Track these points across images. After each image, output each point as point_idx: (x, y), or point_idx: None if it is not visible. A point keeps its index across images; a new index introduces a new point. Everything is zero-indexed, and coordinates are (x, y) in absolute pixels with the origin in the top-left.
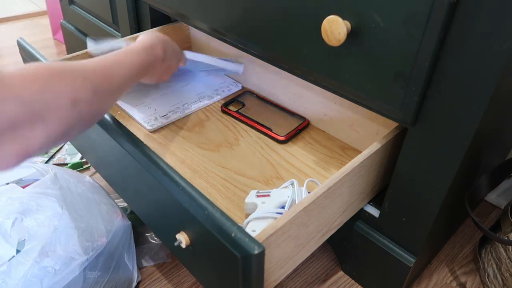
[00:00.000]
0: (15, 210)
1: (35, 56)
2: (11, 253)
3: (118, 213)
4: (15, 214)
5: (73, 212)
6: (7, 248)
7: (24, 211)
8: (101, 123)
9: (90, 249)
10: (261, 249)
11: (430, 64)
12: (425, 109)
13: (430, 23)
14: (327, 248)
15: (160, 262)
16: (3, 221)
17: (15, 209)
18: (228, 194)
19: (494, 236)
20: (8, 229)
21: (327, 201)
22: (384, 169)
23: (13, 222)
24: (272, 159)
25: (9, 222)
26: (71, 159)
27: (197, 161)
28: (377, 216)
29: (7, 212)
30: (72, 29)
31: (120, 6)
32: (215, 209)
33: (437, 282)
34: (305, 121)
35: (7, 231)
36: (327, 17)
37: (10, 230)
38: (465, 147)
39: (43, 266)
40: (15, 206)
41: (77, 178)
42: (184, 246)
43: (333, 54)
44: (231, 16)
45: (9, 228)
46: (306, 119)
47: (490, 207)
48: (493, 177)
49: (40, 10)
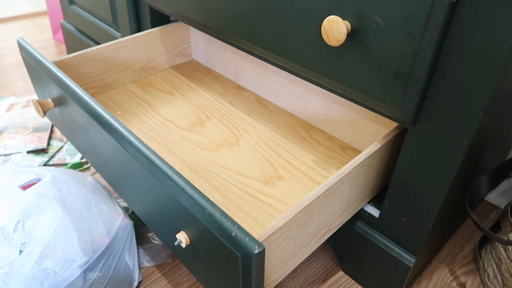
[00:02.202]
0: (18, 212)
1: (35, 56)
2: (14, 255)
3: (119, 213)
4: (18, 216)
5: (73, 213)
6: (10, 250)
7: (26, 214)
8: (101, 123)
9: (91, 250)
10: (261, 248)
11: (430, 64)
12: (425, 109)
13: (430, 23)
14: (327, 248)
15: (160, 262)
16: (7, 223)
17: (18, 212)
18: (228, 194)
19: (494, 236)
20: (11, 231)
21: (327, 201)
22: (384, 169)
23: (16, 224)
24: (272, 159)
25: (12, 225)
26: (71, 159)
27: (197, 161)
28: (377, 216)
29: (10, 214)
30: (72, 29)
31: (120, 6)
32: (215, 208)
33: (437, 282)
34: None
35: (10, 234)
36: (327, 17)
37: (13, 232)
38: (465, 147)
39: (44, 268)
40: (18, 208)
41: (78, 178)
42: (184, 245)
43: (333, 54)
44: (231, 16)
45: (12, 230)
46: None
47: (490, 207)
48: (493, 177)
49: (40, 10)
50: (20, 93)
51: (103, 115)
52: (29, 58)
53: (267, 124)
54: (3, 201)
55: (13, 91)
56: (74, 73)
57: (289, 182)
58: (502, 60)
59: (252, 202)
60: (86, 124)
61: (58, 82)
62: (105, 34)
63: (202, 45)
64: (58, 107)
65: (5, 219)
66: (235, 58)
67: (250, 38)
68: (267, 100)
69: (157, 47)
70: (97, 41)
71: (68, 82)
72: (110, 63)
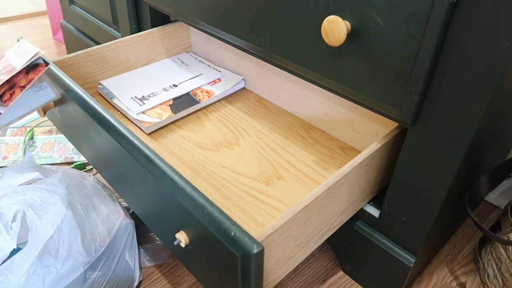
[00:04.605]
0: (18, 202)
1: None
2: (12, 246)
3: (120, 212)
4: (17, 205)
5: (77, 212)
6: (8, 240)
7: (27, 205)
8: (101, 123)
9: (93, 250)
10: (260, 248)
11: (430, 64)
12: (425, 109)
13: (430, 23)
14: (327, 248)
15: (161, 262)
16: (5, 211)
17: (17, 201)
18: (227, 194)
19: (494, 236)
20: (10, 220)
21: (327, 201)
22: (384, 169)
23: (15, 213)
24: (272, 159)
25: (11, 213)
26: (78, 158)
27: (197, 161)
28: (377, 216)
29: (9, 202)
30: (72, 29)
31: (120, 6)
32: (214, 208)
33: (437, 282)
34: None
35: (9, 223)
36: (327, 17)
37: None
38: (465, 147)
39: (45, 265)
40: (19, 198)
41: (82, 178)
42: (183, 245)
43: (333, 54)
44: (230, 16)
45: (10, 219)
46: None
47: (490, 207)
48: (493, 177)
49: (40, 10)
50: None
51: (103, 115)
52: None
53: (267, 124)
54: (4, 192)
55: None
56: (74, 73)
57: (288, 182)
58: (502, 60)
59: (252, 202)
60: (86, 124)
61: (58, 82)
62: (105, 34)
63: (202, 45)
64: (58, 106)
65: (3, 207)
66: (235, 58)
67: (250, 38)
68: (267, 100)
69: (157, 47)
70: (97, 41)
71: (68, 82)
72: (110, 63)
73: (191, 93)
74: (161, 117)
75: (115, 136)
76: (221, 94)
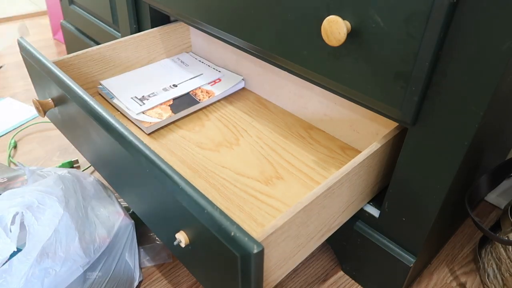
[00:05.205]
0: (17, 204)
1: (35, 56)
2: (12, 248)
3: (120, 212)
4: (16, 207)
5: (75, 213)
6: (7, 242)
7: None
8: (101, 123)
9: (92, 251)
10: (260, 248)
11: (430, 64)
12: (425, 109)
13: (430, 23)
14: (327, 248)
15: (161, 262)
16: (3, 214)
17: (16, 203)
18: (227, 194)
19: (494, 236)
20: (9, 223)
21: (327, 201)
22: (384, 169)
23: (14, 216)
24: (272, 159)
25: (10, 216)
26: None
27: (197, 161)
28: (377, 216)
29: (8, 205)
30: (72, 29)
31: (120, 6)
32: (214, 208)
33: (437, 282)
34: None
35: (8, 225)
36: (327, 17)
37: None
38: (465, 147)
39: (44, 267)
40: (17, 200)
41: (81, 177)
42: (183, 245)
43: (333, 54)
44: (230, 16)
45: (9, 222)
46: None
47: (490, 207)
48: (493, 177)
49: (40, 10)
50: (20, 93)
51: (103, 115)
52: (29, 58)
53: (267, 124)
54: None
55: (13, 91)
56: (74, 73)
57: (288, 182)
58: (502, 60)
59: (252, 202)
60: (86, 124)
61: (58, 82)
62: (105, 34)
63: (202, 45)
64: (58, 106)
65: (2, 209)
66: (235, 58)
67: (250, 38)
68: (267, 100)
69: (157, 47)
70: (97, 41)
71: (68, 82)
72: (110, 63)
73: (191, 93)
74: (161, 117)
75: (115, 136)
76: (221, 94)
